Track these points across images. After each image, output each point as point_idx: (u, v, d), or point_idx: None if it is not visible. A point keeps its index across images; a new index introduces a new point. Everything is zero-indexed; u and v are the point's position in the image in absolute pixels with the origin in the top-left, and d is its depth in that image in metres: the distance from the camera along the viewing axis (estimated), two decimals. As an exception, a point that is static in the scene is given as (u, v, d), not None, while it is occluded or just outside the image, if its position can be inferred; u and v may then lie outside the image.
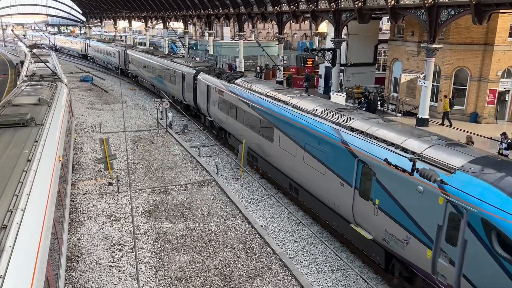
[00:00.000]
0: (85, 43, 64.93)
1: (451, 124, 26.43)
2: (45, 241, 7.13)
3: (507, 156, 18.53)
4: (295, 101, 16.07)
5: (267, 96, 17.93)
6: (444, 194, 8.78)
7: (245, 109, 19.11)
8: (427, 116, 26.38)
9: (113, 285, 11.37)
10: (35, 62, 27.02)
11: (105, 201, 16.50)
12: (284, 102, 16.51)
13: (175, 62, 31.89)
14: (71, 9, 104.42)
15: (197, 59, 49.14)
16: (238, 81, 21.23)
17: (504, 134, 19.92)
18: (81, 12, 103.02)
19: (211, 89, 23.54)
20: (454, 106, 28.47)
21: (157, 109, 27.64)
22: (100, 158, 18.42)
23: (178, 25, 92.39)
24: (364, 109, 29.67)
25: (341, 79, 35.16)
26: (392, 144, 10.77)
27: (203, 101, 25.15)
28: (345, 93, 31.55)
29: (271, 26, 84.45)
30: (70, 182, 15.24)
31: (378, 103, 30.68)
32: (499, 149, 19.40)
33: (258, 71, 45.90)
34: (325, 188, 13.21)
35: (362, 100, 31.41)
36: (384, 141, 11.05)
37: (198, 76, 26.17)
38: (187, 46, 62.44)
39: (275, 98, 17.22)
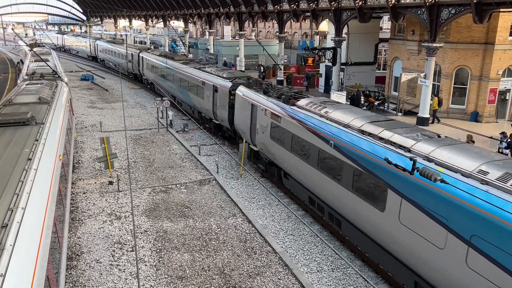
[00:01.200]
0: (94, 44, 59.59)
1: (439, 121, 26.91)
2: (46, 239, 7.13)
3: (506, 155, 18.53)
4: (427, 149, 10.00)
5: (361, 131, 11.94)
6: None
7: (322, 147, 13.21)
8: (427, 115, 26.39)
9: (114, 283, 11.39)
10: (35, 61, 27.03)
11: (106, 200, 16.52)
12: (405, 149, 10.39)
13: (204, 71, 26.01)
14: (72, 8, 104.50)
15: (220, 65, 45.04)
16: (302, 103, 15.41)
17: (503, 133, 19.91)
18: (81, 11, 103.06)
19: (258, 110, 18.06)
20: (455, 105, 28.51)
21: (157, 108, 27.63)
22: (100, 157, 18.42)
23: (178, 24, 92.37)
24: (364, 108, 29.72)
25: (341, 78, 35.16)
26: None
27: (245, 124, 19.68)
28: (345, 92, 31.55)
29: (272, 25, 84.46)
30: (70, 181, 15.25)
31: (362, 98, 30.96)
32: (499, 148, 19.39)
33: (262, 70, 45.27)
34: None
35: (363, 99, 31.42)
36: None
37: (237, 91, 20.74)
38: (187, 45, 62.44)
39: (390, 142, 10.88)
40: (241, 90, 20.28)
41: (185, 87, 28.37)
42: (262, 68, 45.64)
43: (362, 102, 30.71)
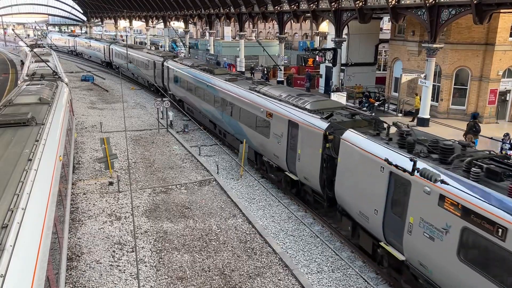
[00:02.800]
0: (109, 49, 52.03)
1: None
2: (46, 240, 7.13)
3: (510, 156, 18.45)
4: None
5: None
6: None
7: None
8: (427, 116, 26.39)
9: (114, 284, 11.39)
10: (36, 61, 27.05)
11: (106, 200, 16.51)
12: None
13: (267, 96, 17.50)
14: (72, 8, 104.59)
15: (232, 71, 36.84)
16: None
17: (507, 134, 19.81)
18: (81, 11, 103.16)
19: (412, 187, 9.76)
20: (455, 106, 28.52)
21: (157, 108, 27.63)
22: (100, 157, 18.43)
23: (178, 25, 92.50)
24: (364, 108, 29.73)
25: (341, 79, 35.17)
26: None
27: (367, 203, 11.41)
28: (345, 92, 31.56)
29: (272, 25, 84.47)
30: (70, 182, 15.25)
31: (333, 87, 32.06)
32: (502, 149, 19.26)
33: (265, 72, 44.65)
34: None
35: (364, 100, 31.44)
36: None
37: (348, 137, 12.24)
38: (188, 46, 62.49)
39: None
40: (355, 137, 12.13)
41: (236, 115, 20.15)
42: (265, 70, 45.57)
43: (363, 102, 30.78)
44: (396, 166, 8.91)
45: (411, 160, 8.29)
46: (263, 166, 18.86)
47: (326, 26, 53.52)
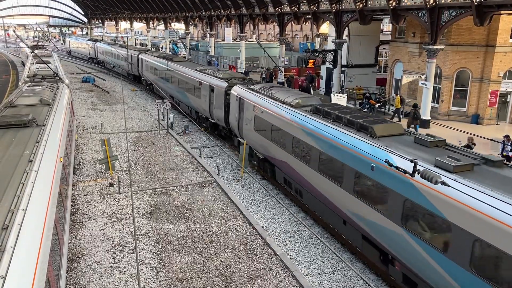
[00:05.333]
0: (137, 59, 41.22)
1: (399, 120, 27.37)
2: (46, 241, 7.13)
3: (511, 157, 18.45)
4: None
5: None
6: None
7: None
8: (428, 118, 26.38)
9: (114, 286, 11.38)
10: (36, 63, 27.09)
11: (106, 202, 16.51)
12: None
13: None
14: (73, 10, 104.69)
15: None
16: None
17: (507, 136, 19.75)
18: (82, 13, 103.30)
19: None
20: (455, 108, 28.51)
21: (158, 110, 27.65)
22: (101, 158, 18.43)
23: (179, 26, 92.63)
24: (365, 110, 29.71)
25: (342, 80, 35.17)
26: None
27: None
28: (346, 94, 31.55)
29: (273, 27, 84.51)
30: (71, 183, 15.27)
31: (311, 90, 32.75)
32: (503, 151, 19.20)
33: (264, 76, 43.99)
34: None
35: (364, 101, 31.41)
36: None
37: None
38: (188, 47, 62.56)
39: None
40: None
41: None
42: (263, 73, 45.57)
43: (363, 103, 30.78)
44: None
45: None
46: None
47: (326, 28, 53.56)
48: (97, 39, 71.46)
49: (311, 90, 38.08)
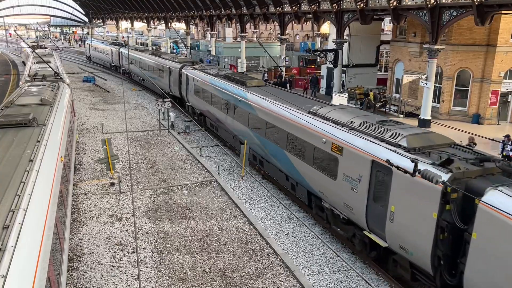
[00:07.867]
0: (178, 74, 30.10)
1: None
2: (47, 241, 7.14)
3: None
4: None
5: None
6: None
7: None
8: (429, 117, 26.36)
9: (115, 285, 11.39)
10: (37, 62, 27.10)
11: (107, 201, 16.53)
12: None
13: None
14: (74, 9, 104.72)
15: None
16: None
17: (507, 136, 19.74)
18: (83, 12, 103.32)
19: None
20: (456, 107, 28.49)
21: (159, 109, 27.66)
22: (102, 158, 18.43)
23: (180, 26, 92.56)
24: (362, 108, 29.75)
25: (343, 80, 35.15)
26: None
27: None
28: (347, 94, 31.55)
29: (273, 27, 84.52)
30: (72, 182, 15.28)
31: (288, 85, 34.40)
32: (503, 151, 19.19)
33: (266, 78, 42.32)
34: None
35: (364, 101, 31.44)
36: None
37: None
38: (189, 47, 62.55)
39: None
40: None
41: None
42: (266, 74, 45.55)
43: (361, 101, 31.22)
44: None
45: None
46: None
47: (327, 27, 53.54)
48: (121, 43, 58.48)
49: (307, 89, 38.07)
